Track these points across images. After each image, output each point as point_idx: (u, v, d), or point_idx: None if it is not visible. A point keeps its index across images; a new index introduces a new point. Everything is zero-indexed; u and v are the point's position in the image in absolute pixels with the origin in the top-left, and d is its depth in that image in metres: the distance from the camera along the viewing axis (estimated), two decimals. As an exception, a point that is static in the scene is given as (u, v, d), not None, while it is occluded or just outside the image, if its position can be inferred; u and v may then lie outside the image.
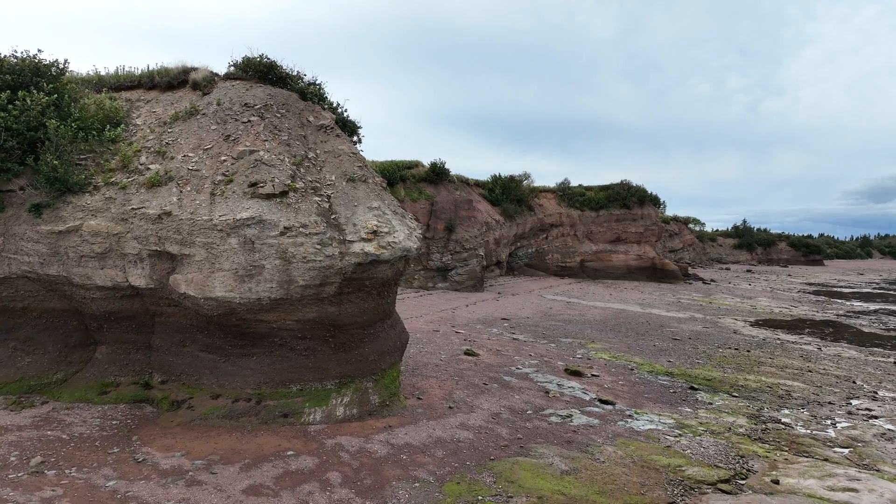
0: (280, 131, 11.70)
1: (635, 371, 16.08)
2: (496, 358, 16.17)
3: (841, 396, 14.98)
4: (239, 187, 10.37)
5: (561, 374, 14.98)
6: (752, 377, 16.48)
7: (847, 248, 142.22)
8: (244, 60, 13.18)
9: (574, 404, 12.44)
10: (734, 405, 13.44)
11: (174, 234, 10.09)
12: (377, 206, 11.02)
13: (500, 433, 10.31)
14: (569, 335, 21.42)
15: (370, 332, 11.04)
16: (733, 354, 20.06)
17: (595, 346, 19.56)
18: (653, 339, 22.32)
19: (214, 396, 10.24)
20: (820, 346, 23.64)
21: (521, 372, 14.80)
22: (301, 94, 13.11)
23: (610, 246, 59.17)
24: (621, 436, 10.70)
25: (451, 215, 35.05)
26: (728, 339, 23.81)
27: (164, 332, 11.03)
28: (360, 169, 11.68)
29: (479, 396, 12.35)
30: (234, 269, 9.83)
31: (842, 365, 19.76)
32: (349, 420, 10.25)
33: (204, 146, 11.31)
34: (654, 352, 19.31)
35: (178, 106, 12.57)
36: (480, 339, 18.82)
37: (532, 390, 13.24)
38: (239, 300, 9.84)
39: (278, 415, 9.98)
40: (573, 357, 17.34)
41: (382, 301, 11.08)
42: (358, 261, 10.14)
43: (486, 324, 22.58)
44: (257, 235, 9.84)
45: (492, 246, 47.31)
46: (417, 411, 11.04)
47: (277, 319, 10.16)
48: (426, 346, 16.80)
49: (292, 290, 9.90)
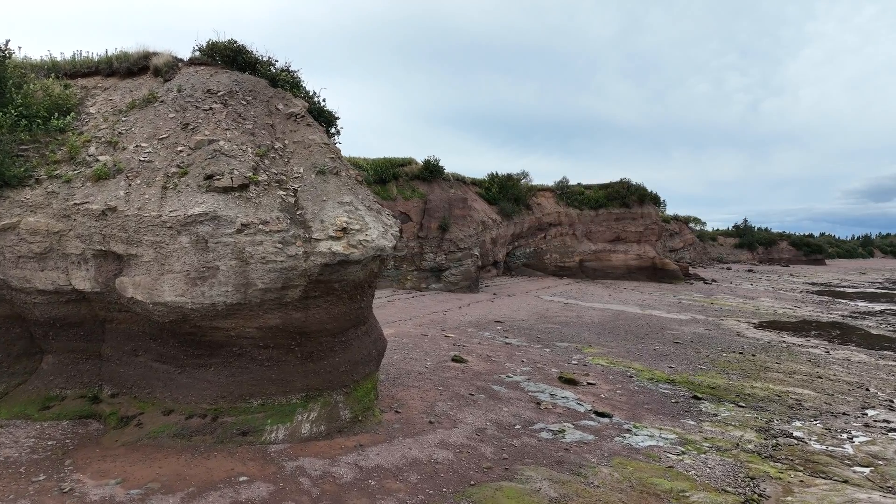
0: (244, 120, 10.68)
1: (634, 378, 15.05)
2: (486, 365, 15.14)
3: (855, 406, 13.95)
4: (194, 180, 9.35)
5: (554, 382, 13.95)
6: (759, 384, 15.46)
7: (848, 248, 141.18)
8: (209, 44, 12.17)
9: (567, 417, 11.41)
10: (741, 417, 12.41)
11: (119, 231, 9.07)
12: (349, 200, 10.00)
13: (483, 452, 9.28)
14: (565, 339, 20.39)
15: (341, 340, 10.02)
16: (738, 359, 19.04)
17: (592, 350, 18.53)
18: (653, 342, 21.29)
19: (167, 412, 9.22)
20: (828, 349, 22.62)
21: (512, 380, 13.77)
22: (271, 81, 12.09)
23: (609, 245, 58.16)
24: (618, 454, 9.67)
25: (446, 214, 34.03)
26: (731, 342, 22.78)
27: (114, 341, 10.01)
28: (332, 161, 10.66)
29: (464, 409, 11.32)
30: (185, 270, 8.81)
31: (852, 370, 18.73)
32: (316, 438, 9.22)
33: (159, 136, 10.29)
34: (654, 356, 18.28)
35: (137, 94, 11.55)
36: (471, 344, 17.79)
37: (522, 401, 12.22)
38: (191, 305, 8.82)
39: (236, 433, 8.96)
40: (568, 363, 16.31)
41: (355, 306, 10.06)
42: (325, 261, 9.12)
43: (478, 327, 21.55)
44: (211, 233, 8.82)
45: (488, 245, 46.30)
46: (394, 427, 10.02)
47: (236, 327, 9.14)
48: (412, 352, 15.78)
49: (251, 295, 8.87)
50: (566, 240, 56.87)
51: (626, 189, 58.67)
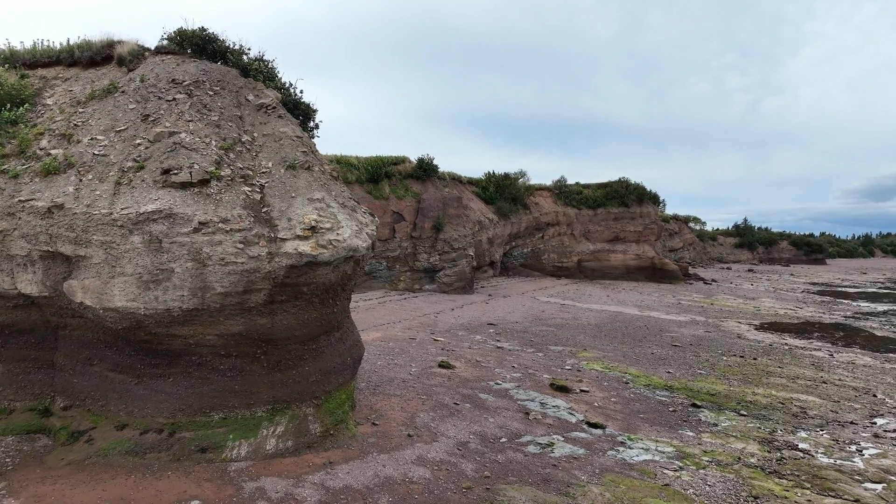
0: (210, 111, 9.96)
1: (630, 385, 14.32)
2: (474, 371, 14.41)
3: (863, 414, 13.23)
4: (150, 175, 8.62)
5: (546, 389, 13.22)
6: (762, 391, 14.73)
7: (849, 247, 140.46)
8: (177, 32, 11.45)
9: (557, 429, 10.68)
10: (743, 427, 11.69)
11: (66, 231, 8.34)
12: (320, 197, 9.27)
13: (464, 470, 8.56)
14: (559, 342, 19.66)
15: (312, 348, 9.29)
16: (739, 363, 18.31)
17: (587, 354, 17.80)
18: (651, 345, 20.56)
19: (120, 427, 8.50)
20: (831, 351, 21.89)
21: (501, 388, 13.04)
22: (243, 71, 11.38)
23: (608, 245, 57.43)
24: (610, 470, 8.95)
25: (440, 213, 33.30)
26: (732, 344, 22.04)
27: (68, 349, 9.28)
28: (304, 155, 9.93)
29: (447, 420, 10.59)
30: (137, 273, 8.08)
31: (858, 374, 18.01)
32: (282, 455, 8.50)
33: (117, 128, 9.56)
34: (651, 361, 17.55)
35: (99, 84, 10.82)
36: (460, 349, 17.06)
37: (510, 411, 11.49)
38: (144, 311, 8.09)
39: (194, 449, 8.24)
40: (561, 368, 15.58)
41: (327, 310, 9.33)
42: (291, 263, 8.39)
43: (469, 330, 20.82)
44: (165, 232, 8.09)
45: (485, 245, 45.57)
46: (368, 441, 9.29)
47: (195, 334, 8.41)
48: (397, 358, 15.05)
49: (209, 299, 8.15)
50: (564, 240, 56.16)
51: (624, 188, 57.94)
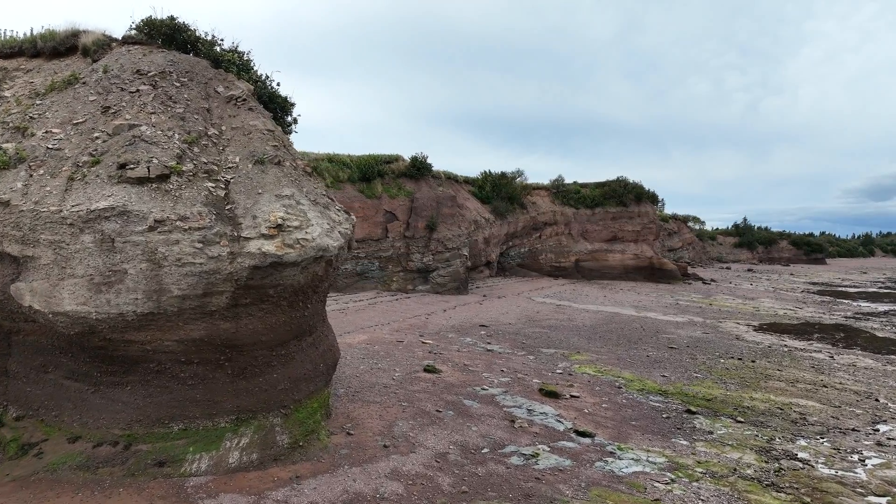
0: (175, 103, 9.42)
1: (623, 390, 13.78)
2: (461, 375, 13.87)
3: (865, 420, 12.69)
4: (105, 170, 8.09)
5: (534, 395, 12.68)
6: (759, 395, 14.19)
7: (849, 247, 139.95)
8: (146, 21, 10.91)
9: (544, 438, 10.14)
10: (739, 434, 11.15)
11: (13, 229, 7.80)
12: (289, 193, 8.73)
13: (440, 484, 8.01)
14: (552, 344, 19.12)
15: (280, 354, 8.75)
16: (736, 366, 17.77)
17: (580, 357, 17.25)
18: (646, 347, 20.02)
19: (73, 439, 7.96)
20: (832, 353, 21.35)
21: (487, 394, 12.50)
22: (214, 62, 10.85)
23: (606, 245, 56.88)
24: (597, 484, 8.41)
25: (433, 213, 32.76)
26: (730, 346, 21.50)
27: (22, 355, 8.74)
28: (273, 149, 9.39)
29: (427, 429, 10.04)
30: (88, 275, 7.55)
31: (859, 377, 17.47)
32: (246, 469, 7.96)
33: (75, 121, 9.03)
34: (646, 364, 17.01)
35: (61, 76, 10.29)
36: (448, 352, 16.51)
37: (495, 418, 10.94)
38: (96, 316, 7.55)
39: (151, 463, 7.70)
40: (552, 372, 15.04)
41: (296, 314, 8.79)
42: (254, 263, 7.85)
43: (460, 332, 20.27)
44: (119, 231, 7.55)
45: (481, 245, 45.03)
46: (341, 453, 8.74)
47: (152, 340, 7.87)
48: (381, 362, 14.50)
49: (165, 303, 7.61)
50: (562, 239, 55.62)
51: (622, 187, 57.38)
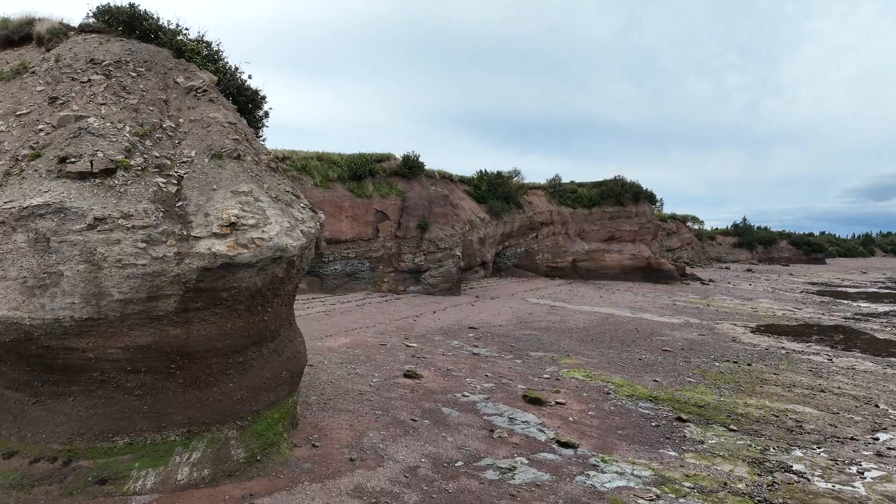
0: (129, 94, 8.84)
1: (612, 396, 13.20)
2: (443, 381, 13.29)
3: (864, 428, 12.11)
4: (45, 164, 7.51)
5: (517, 402, 12.10)
6: (754, 401, 13.61)
7: (849, 246, 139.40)
8: (102, 8, 10.34)
9: (523, 449, 9.55)
10: (732, 444, 10.57)
11: (-58, 228, 7.24)
12: (248, 189, 8.15)
13: (405, 503, 7.43)
14: (541, 347, 18.53)
15: (237, 362, 8.17)
16: (731, 370, 17.20)
17: (569, 361, 16.67)
18: (640, 350, 19.44)
19: (8, 455, 7.38)
20: (830, 356, 20.78)
21: (468, 401, 11.92)
22: (177, 52, 10.26)
23: (603, 245, 56.34)
24: (577, 501, 7.82)
25: (425, 212, 32.19)
26: (726, 349, 20.93)
27: (-39, 363, 8.16)
28: (234, 142, 8.81)
29: (400, 440, 9.46)
30: (21, 277, 6.97)
31: (858, 381, 16.90)
32: (196, 485, 7.38)
33: (19, 112, 8.45)
34: (638, 368, 16.43)
35: (11, 65, 9.71)
36: (433, 356, 15.93)
37: (473, 428, 10.36)
38: (30, 321, 6.97)
39: (92, 481, 7.12)
40: (539, 377, 14.46)
41: (255, 319, 8.22)
42: (203, 265, 7.28)
43: (447, 334, 19.69)
44: (54, 230, 6.98)
45: (476, 245, 44.47)
46: (302, 467, 8.16)
47: (94, 347, 7.29)
48: (361, 366, 13.92)
49: (106, 307, 7.03)
50: (558, 239, 55.06)
51: (620, 187, 56.80)
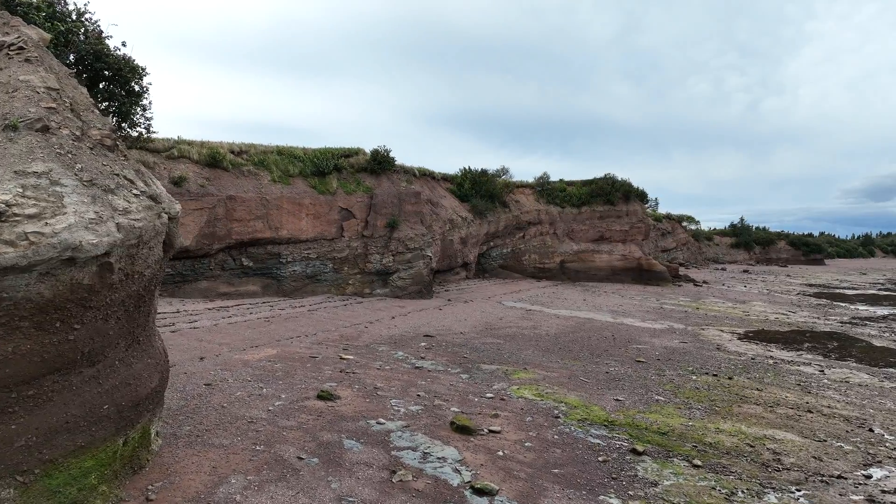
0: (-87, 50, 6.95)
1: (560, 420, 11.27)
2: (362, 403, 11.35)
3: (854, 461, 10.19)
4: None
5: (442, 430, 10.17)
6: (728, 426, 11.69)
7: (849, 247, 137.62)
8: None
9: (425, 499, 7.62)
10: (692, 486, 8.65)
11: None
12: (43, 170, 6.24)
13: (227, 590, 5.52)
14: (497, 359, 16.61)
15: (26, 396, 6.23)
16: (709, 384, 15.28)
17: (524, 375, 14.75)
18: (610, 360, 17.53)
19: None
20: (822, 366, 18.88)
21: (381, 430, 9.98)
22: (9, 7, 8.38)
23: (593, 245, 54.53)
24: (468, 581, 5.91)
25: (395, 210, 30.28)
26: (707, 359, 19.02)
27: None
28: (46, 111, 6.89)
29: (267, 488, 7.53)
30: None
31: (851, 397, 15.00)
32: (-58, 568, 5.48)
33: None
34: (602, 383, 14.51)
35: None
36: (365, 371, 14.00)
37: (372, 468, 8.43)
38: None
39: None
40: (482, 396, 12.53)
41: (53, 339, 6.29)
42: (-55, 269, 5.37)
43: (396, 344, 17.76)
44: None
45: (456, 246, 42.63)
46: (112, 534, 6.25)
47: None
48: (270, 386, 11.99)
49: None
50: (546, 239, 53.26)
51: (610, 185, 55.02)
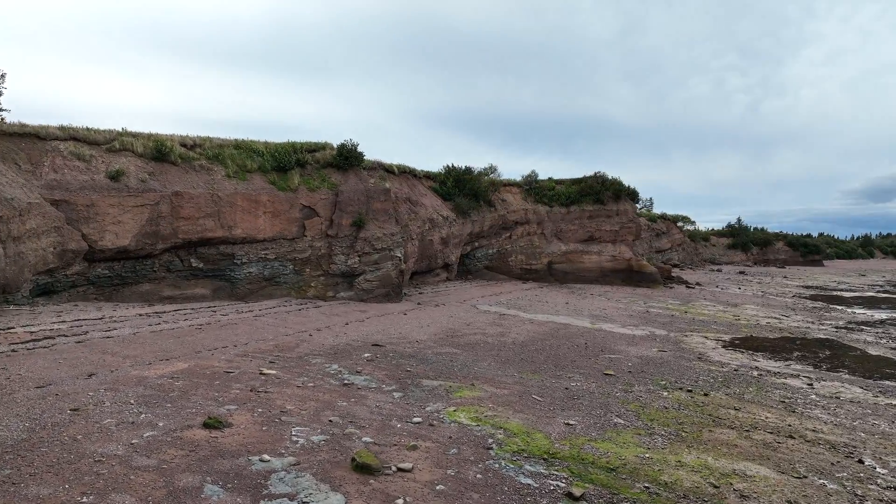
0: None
1: (492, 452, 9.49)
2: (257, 432, 9.57)
3: (839, 507, 8.42)
4: None
5: (338, 469, 8.39)
6: (692, 457, 9.92)
7: (848, 248, 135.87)
8: None
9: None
10: (631, 547, 6.88)
11: None
12: None
13: None
14: (445, 373, 14.83)
15: None
16: (680, 402, 13.52)
17: (467, 394, 12.97)
18: (575, 373, 15.77)
19: None
20: (811, 379, 17.13)
21: (261, 469, 8.19)
22: None
23: (582, 246, 52.77)
24: None
25: (362, 208, 28.52)
26: (685, 370, 17.26)
27: None
28: None
29: (65, 561, 5.77)
30: None
31: (841, 417, 13.24)
32: None
33: None
34: (556, 402, 12.74)
35: None
36: (283, 389, 12.23)
37: (223, 527, 6.67)
38: None
39: None
40: (408, 421, 10.75)
41: None
42: None
43: (335, 355, 15.98)
44: None
45: (437, 246, 40.85)
46: None
47: None
48: (152, 410, 10.19)
49: None
50: (534, 239, 51.51)
51: (600, 184, 53.26)
